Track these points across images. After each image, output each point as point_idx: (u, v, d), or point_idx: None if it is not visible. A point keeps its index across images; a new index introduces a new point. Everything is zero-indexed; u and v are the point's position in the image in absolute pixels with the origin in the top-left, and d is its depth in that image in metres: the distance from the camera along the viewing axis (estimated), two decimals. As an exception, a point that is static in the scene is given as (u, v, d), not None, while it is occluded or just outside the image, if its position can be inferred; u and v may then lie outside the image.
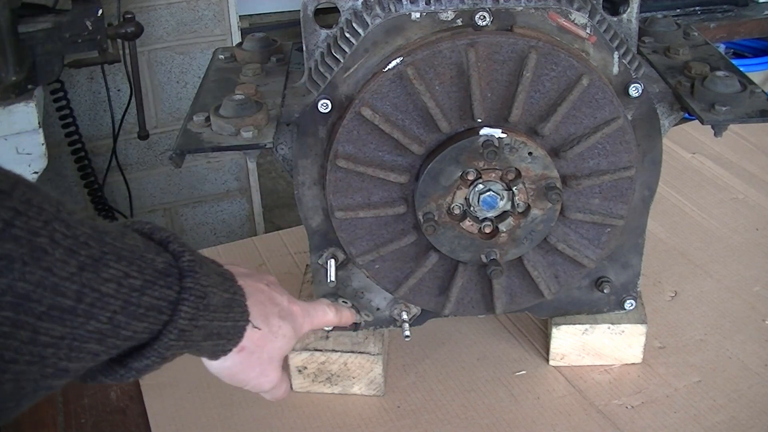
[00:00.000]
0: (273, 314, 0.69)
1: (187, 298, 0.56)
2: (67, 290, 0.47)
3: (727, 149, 1.48)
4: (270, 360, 0.70)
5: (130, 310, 0.52)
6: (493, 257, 0.87)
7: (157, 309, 0.54)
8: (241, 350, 0.66)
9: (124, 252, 0.52)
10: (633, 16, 0.86)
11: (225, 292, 0.61)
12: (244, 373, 0.69)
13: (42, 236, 0.46)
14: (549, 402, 0.97)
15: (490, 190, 0.85)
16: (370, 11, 0.83)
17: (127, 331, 0.52)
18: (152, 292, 0.54)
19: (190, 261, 0.57)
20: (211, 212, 2.29)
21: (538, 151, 0.83)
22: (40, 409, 0.99)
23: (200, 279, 0.57)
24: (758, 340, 1.05)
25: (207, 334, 0.60)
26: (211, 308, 0.59)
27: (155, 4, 2.03)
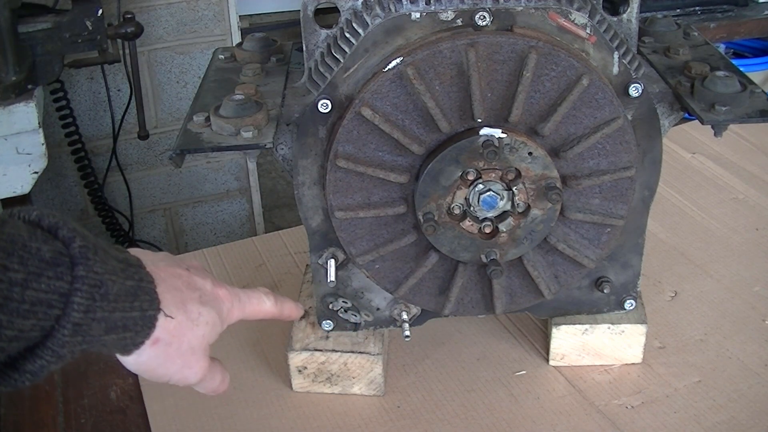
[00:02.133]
0: (191, 300, 0.62)
1: (80, 288, 0.51)
2: None
3: (727, 149, 1.48)
4: (192, 350, 0.63)
5: (11, 306, 0.47)
6: (492, 257, 0.87)
7: (46, 303, 0.49)
8: (156, 342, 0.59)
9: (1, 243, 0.48)
10: (633, 16, 0.86)
11: (128, 279, 0.56)
12: (163, 368, 0.62)
13: None
14: (549, 402, 0.97)
15: (490, 190, 0.85)
16: (370, 11, 0.83)
17: (10, 331, 0.48)
18: (38, 285, 0.49)
19: (81, 246, 0.52)
20: (211, 212, 2.29)
21: (538, 151, 0.83)
22: (40, 409, 0.99)
23: (95, 266, 0.52)
24: (758, 340, 1.05)
25: (109, 327, 0.54)
26: (111, 298, 0.53)
27: (155, 4, 2.03)
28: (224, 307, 0.67)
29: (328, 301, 0.96)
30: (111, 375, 1.04)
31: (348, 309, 0.96)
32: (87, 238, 0.53)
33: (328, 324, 0.97)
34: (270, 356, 1.05)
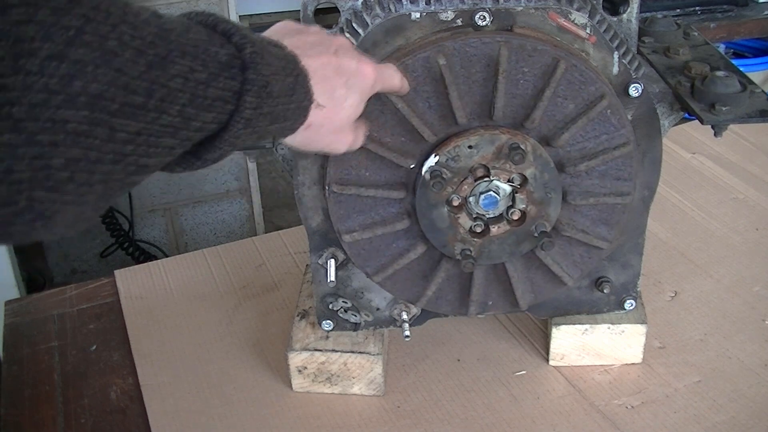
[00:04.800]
0: (339, 86, 0.70)
1: (250, 89, 0.58)
2: (137, 88, 0.50)
3: (727, 149, 1.48)
4: (340, 128, 0.73)
5: (197, 102, 0.55)
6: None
7: (223, 99, 0.57)
8: (308, 126, 0.68)
9: (188, 47, 0.54)
10: (633, 16, 0.86)
11: (288, 76, 0.63)
12: (314, 144, 0.73)
13: (111, 39, 0.48)
14: (549, 402, 0.97)
15: (493, 190, 0.85)
16: (370, 11, 0.83)
17: (196, 122, 0.55)
18: (217, 83, 0.56)
19: (251, 52, 0.59)
20: (211, 212, 2.29)
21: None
22: (40, 409, 0.99)
23: (262, 69, 0.59)
24: (758, 340, 1.05)
25: (272, 119, 0.62)
26: (275, 94, 0.61)
27: (155, 4, 2.03)
28: (368, 84, 0.74)
29: (328, 301, 0.96)
30: (111, 375, 1.04)
31: (348, 309, 0.96)
32: (255, 43, 0.60)
33: (328, 324, 0.97)
34: (270, 356, 1.05)
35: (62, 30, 0.46)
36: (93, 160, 0.49)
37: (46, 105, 0.45)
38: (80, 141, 0.47)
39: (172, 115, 0.53)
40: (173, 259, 1.28)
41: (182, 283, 1.20)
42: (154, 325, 1.12)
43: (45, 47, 0.45)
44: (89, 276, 2.14)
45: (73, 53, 0.46)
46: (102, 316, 1.15)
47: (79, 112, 0.47)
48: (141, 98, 0.50)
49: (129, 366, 1.05)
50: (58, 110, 0.46)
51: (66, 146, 0.47)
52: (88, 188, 0.49)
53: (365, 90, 0.74)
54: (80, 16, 0.47)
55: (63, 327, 1.13)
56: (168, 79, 0.52)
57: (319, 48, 0.70)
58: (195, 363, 1.05)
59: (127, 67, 0.49)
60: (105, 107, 0.48)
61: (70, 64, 0.46)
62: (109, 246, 2.20)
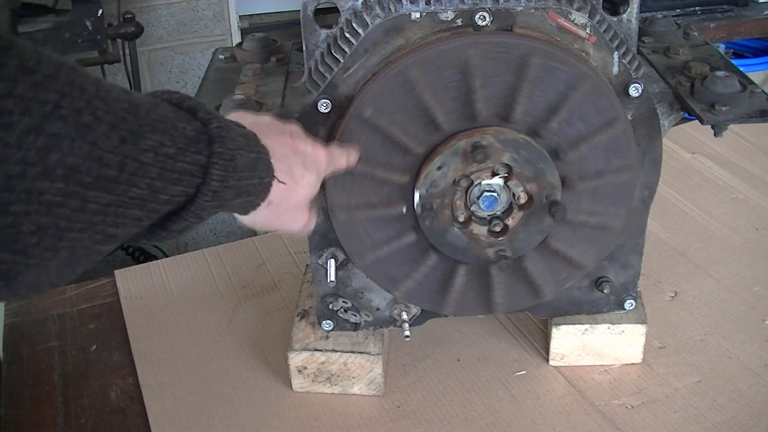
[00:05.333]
0: (296, 165, 0.73)
1: (217, 162, 0.60)
2: (111, 161, 0.51)
3: (727, 149, 1.48)
4: (297, 207, 0.75)
5: (166, 176, 0.56)
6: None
7: (190, 173, 0.59)
8: (269, 204, 0.70)
9: (158, 123, 0.56)
10: (633, 16, 0.86)
11: (251, 152, 0.65)
12: (273, 222, 0.74)
13: (86, 114, 0.50)
14: (549, 402, 0.97)
15: (488, 190, 0.85)
16: (370, 11, 0.83)
17: (164, 195, 0.57)
18: (185, 157, 0.58)
19: (217, 127, 0.61)
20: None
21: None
22: (40, 409, 0.99)
23: (228, 143, 0.61)
24: (758, 340, 1.05)
25: (237, 193, 0.64)
26: (239, 169, 0.63)
27: (155, 4, 2.03)
28: (322, 166, 0.77)
29: (328, 301, 0.96)
30: (111, 375, 1.04)
31: (348, 309, 0.96)
32: (220, 119, 0.62)
33: (328, 324, 0.97)
34: (270, 356, 1.05)
35: (40, 104, 0.47)
36: (62, 228, 0.50)
37: (23, 177, 0.46)
38: (52, 211, 0.49)
39: (141, 188, 0.54)
40: (173, 259, 1.28)
41: (182, 283, 1.20)
42: (154, 325, 1.12)
43: (23, 121, 0.46)
44: (89, 276, 2.13)
45: (51, 127, 0.47)
46: (102, 316, 1.15)
47: (54, 184, 0.48)
48: (114, 171, 0.52)
49: (129, 366, 1.05)
50: (34, 182, 0.47)
51: (38, 215, 0.48)
52: (54, 254, 0.50)
53: (320, 171, 0.77)
54: (57, 92, 0.48)
55: (63, 327, 1.13)
56: (139, 153, 0.54)
57: (275, 130, 0.73)
58: (195, 363, 1.05)
59: (101, 141, 0.51)
60: (80, 180, 0.49)
61: (48, 138, 0.47)
62: (109, 246, 2.20)
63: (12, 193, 0.46)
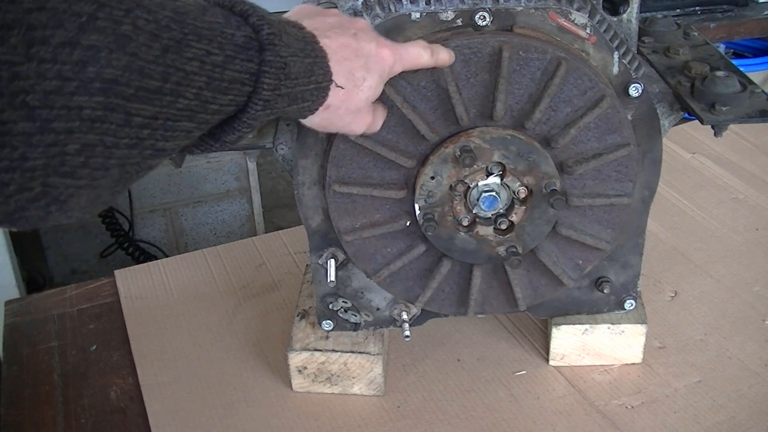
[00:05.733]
0: (357, 68, 0.70)
1: (268, 71, 0.58)
2: (153, 72, 0.50)
3: (727, 149, 1.48)
4: (358, 110, 0.72)
5: (214, 84, 0.54)
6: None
7: (240, 82, 0.57)
8: (327, 108, 0.68)
9: (204, 30, 0.54)
10: (633, 16, 0.86)
11: (306, 57, 0.63)
12: (333, 125, 0.72)
13: (125, 24, 0.48)
14: (549, 402, 0.97)
15: (487, 191, 0.85)
16: (370, 11, 0.83)
17: (214, 105, 0.55)
18: (234, 66, 0.56)
19: (269, 34, 0.59)
20: (211, 212, 2.29)
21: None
22: (40, 409, 0.99)
23: (280, 50, 0.59)
24: (758, 340, 1.05)
25: (291, 100, 0.62)
26: (293, 76, 0.61)
27: None
28: (386, 66, 0.73)
29: (328, 301, 0.96)
30: (111, 375, 1.04)
31: (348, 309, 0.96)
32: (273, 24, 0.59)
33: (328, 324, 0.97)
34: (270, 356, 1.05)
35: (74, 16, 0.46)
36: (108, 146, 0.48)
37: (61, 92, 0.45)
38: (95, 127, 0.47)
39: (188, 98, 0.53)
40: (173, 259, 1.28)
41: (182, 283, 1.20)
42: (154, 325, 1.12)
43: (57, 34, 0.45)
44: (89, 276, 2.14)
45: (86, 39, 0.46)
46: (102, 316, 1.15)
47: (93, 98, 0.47)
48: (157, 83, 0.50)
49: (129, 366, 1.05)
50: (73, 97, 0.46)
51: (81, 132, 0.47)
52: (104, 173, 0.49)
53: (384, 72, 0.73)
54: (92, 2, 0.47)
55: (63, 327, 1.13)
56: (184, 62, 0.52)
57: (338, 30, 0.70)
58: (195, 363, 1.05)
59: (141, 52, 0.49)
60: (120, 92, 0.48)
61: (83, 51, 0.46)
62: (109, 246, 2.20)
63: (51, 109, 0.45)
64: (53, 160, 0.46)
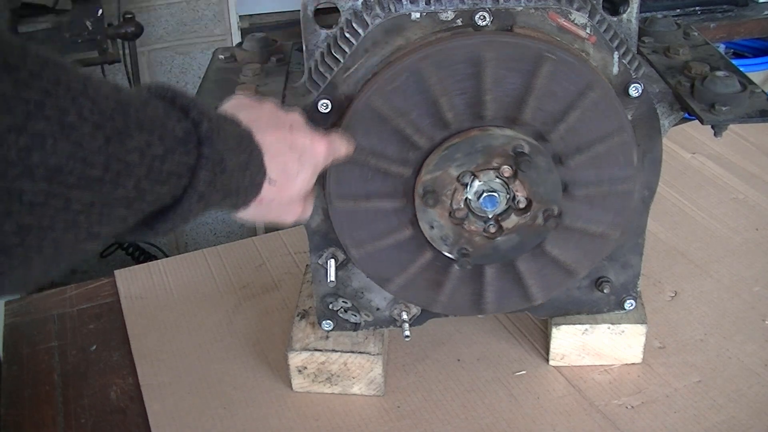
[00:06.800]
0: (292, 161, 0.72)
1: (205, 164, 0.59)
2: (96, 161, 0.50)
3: (727, 149, 1.48)
4: (290, 202, 0.74)
5: (153, 176, 0.55)
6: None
7: (178, 174, 0.58)
8: (260, 202, 0.69)
9: (146, 122, 0.55)
10: (633, 16, 0.86)
11: (242, 153, 0.65)
12: (264, 217, 0.74)
13: (71, 113, 0.49)
14: (549, 402, 0.97)
15: (490, 190, 0.84)
16: (370, 11, 0.83)
17: (151, 195, 0.56)
18: (173, 158, 0.57)
19: (208, 128, 0.60)
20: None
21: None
22: (40, 409, 0.99)
23: (217, 144, 0.60)
24: (758, 340, 1.05)
25: (225, 194, 0.63)
26: (229, 170, 0.62)
27: (155, 4, 2.03)
28: (320, 159, 0.76)
29: (328, 301, 0.96)
30: (111, 375, 1.04)
31: (348, 309, 0.96)
32: (212, 119, 0.61)
33: (328, 324, 0.97)
34: (270, 356, 1.05)
35: (22, 103, 0.46)
36: (45, 228, 0.49)
37: (3, 176, 0.46)
38: (35, 210, 0.48)
39: (127, 188, 0.53)
40: (173, 259, 1.28)
41: (182, 283, 1.20)
42: (154, 325, 1.12)
43: (5, 120, 0.45)
44: (89, 276, 2.13)
45: (33, 126, 0.46)
46: (102, 316, 1.15)
47: (36, 185, 0.47)
48: (98, 171, 0.51)
49: (129, 366, 1.05)
50: (15, 181, 0.46)
51: (19, 215, 0.47)
52: (38, 253, 0.50)
53: (317, 165, 0.76)
54: (40, 90, 0.47)
55: (63, 327, 1.13)
56: (125, 153, 0.52)
57: (274, 123, 0.72)
58: (195, 363, 1.05)
59: (85, 141, 0.49)
60: (63, 180, 0.48)
61: (30, 137, 0.46)
62: (109, 246, 2.20)
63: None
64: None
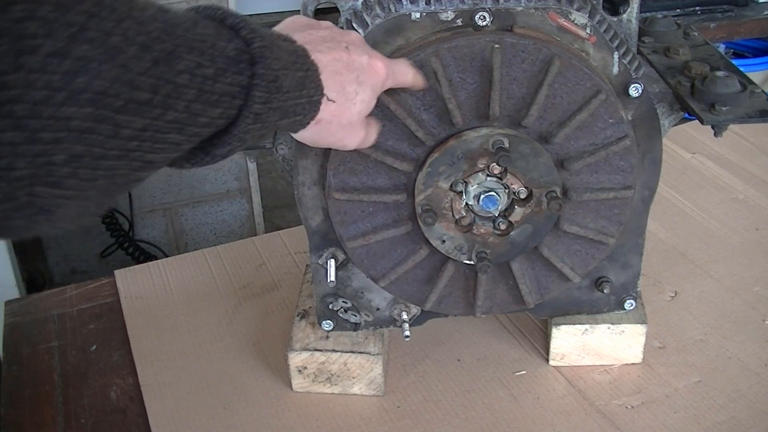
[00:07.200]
0: (350, 81, 0.69)
1: (259, 84, 0.58)
2: (142, 84, 0.49)
3: (727, 149, 1.48)
4: (350, 124, 0.72)
5: (204, 97, 0.54)
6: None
7: (231, 95, 0.56)
8: (319, 122, 0.68)
9: (195, 43, 0.54)
10: (633, 16, 0.86)
11: (298, 70, 0.63)
12: (324, 139, 0.72)
13: (115, 35, 0.48)
14: (549, 402, 0.97)
15: (488, 191, 0.85)
16: (370, 11, 0.83)
17: (204, 118, 0.55)
18: (224, 78, 0.55)
19: (260, 47, 0.58)
20: (211, 212, 2.29)
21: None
22: (40, 409, 0.99)
23: (271, 63, 0.59)
24: (758, 340, 1.05)
25: (283, 114, 0.62)
26: (284, 89, 0.61)
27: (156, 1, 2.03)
28: (379, 80, 0.73)
29: (328, 301, 0.96)
30: (111, 375, 1.04)
31: (348, 309, 0.96)
32: (264, 37, 0.59)
33: (328, 324, 0.97)
34: (270, 356, 1.05)
35: (65, 26, 0.45)
36: (96, 157, 0.48)
37: (49, 102, 0.45)
38: (83, 138, 0.47)
39: (178, 110, 0.52)
40: (173, 259, 1.28)
41: (182, 283, 1.20)
42: (154, 325, 1.12)
43: (47, 44, 0.44)
44: (89, 276, 2.14)
45: (76, 50, 0.45)
46: (102, 316, 1.15)
47: (82, 109, 0.46)
48: (146, 94, 0.50)
49: (129, 366, 1.05)
50: (61, 107, 0.45)
51: (69, 143, 0.46)
52: (91, 184, 0.49)
53: (376, 86, 0.73)
54: (83, 13, 0.46)
55: (63, 327, 1.13)
56: (174, 74, 0.51)
57: (330, 43, 0.69)
58: (195, 363, 1.05)
59: (131, 63, 0.48)
60: (109, 104, 0.47)
61: (73, 61, 0.45)
62: (109, 246, 2.20)
63: (39, 119, 0.44)
64: (40, 170, 0.46)
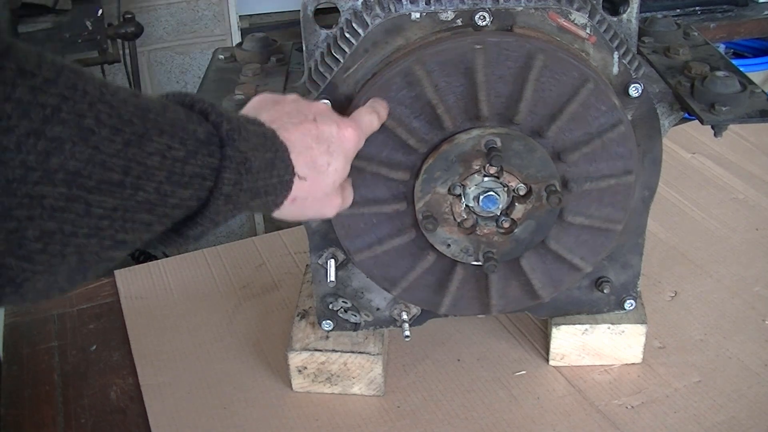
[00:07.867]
0: (320, 154, 0.70)
1: (229, 166, 0.59)
2: (114, 165, 0.51)
3: (727, 149, 1.48)
4: (326, 196, 0.73)
5: (175, 179, 0.55)
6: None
7: (201, 176, 0.57)
8: (294, 200, 0.68)
9: (166, 126, 0.55)
10: (633, 16, 0.86)
11: (267, 151, 0.64)
12: (303, 215, 0.73)
13: (88, 117, 0.49)
14: (549, 402, 0.97)
15: (488, 191, 0.85)
16: (370, 11, 0.83)
17: (174, 199, 0.56)
18: (195, 161, 0.56)
19: (228, 130, 0.59)
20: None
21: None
22: (40, 409, 0.99)
23: (240, 145, 0.60)
24: (758, 340, 1.05)
25: (253, 195, 0.63)
26: (254, 170, 0.61)
27: (155, 4, 2.04)
28: (351, 146, 0.74)
29: (328, 301, 0.96)
30: (111, 375, 1.04)
31: (348, 309, 0.96)
32: (232, 120, 0.60)
33: (328, 324, 0.97)
34: (270, 356, 1.05)
35: (39, 108, 0.46)
36: (67, 234, 0.49)
37: (23, 181, 0.46)
38: (56, 215, 0.48)
39: (149, 191, 0.53)
40: (173, 259, 1.28)
41: (182, 283, 1.20)
42: (154, 325, 1.12)
43: (22, 124, 0.46)
44: (89, 276, 2.13)
45: (50, 131, 0.47)
46: (102, 316, 1.15)
47: (56, 189, 0.48)
48: (118, 175, 0.51)
49: (129, 366, 1.05)
50: (35, 186, 0.47)
51: (41, 220, 0.47)
52: (61, 260, 0.50)
53: (349, 152, 0.74)
54: (57, 95, 0.48)
55: (63, 327, 1.13)
56: (145, 156, 0.53)
57: (297, 117, 0.70)
58: (195, 363, 1.05)
59: (104, 145, 0.50)
60: (82, 184, 0.49)
61: (47, 141, 0.47)
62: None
63: (14, 197, 0.46)
64: (11, 244, 0.47)
